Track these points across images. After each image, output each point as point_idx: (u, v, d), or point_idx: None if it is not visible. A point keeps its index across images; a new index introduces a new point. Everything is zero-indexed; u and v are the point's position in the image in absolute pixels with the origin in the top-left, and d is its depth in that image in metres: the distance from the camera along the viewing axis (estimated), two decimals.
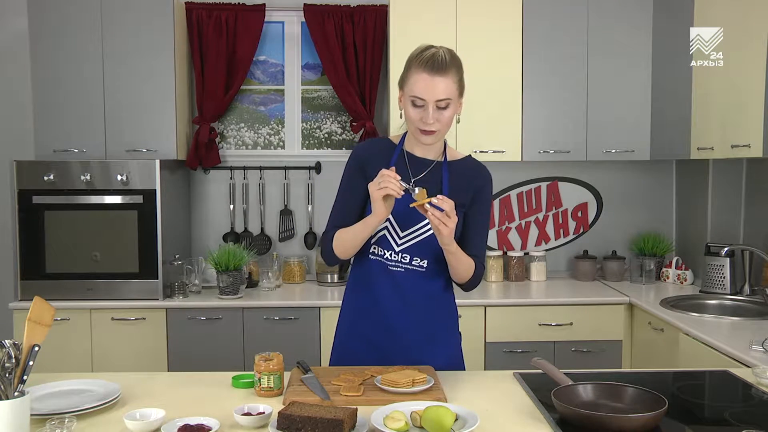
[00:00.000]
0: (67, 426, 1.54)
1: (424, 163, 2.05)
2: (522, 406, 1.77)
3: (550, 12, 3.73)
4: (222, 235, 4.09)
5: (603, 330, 3.50)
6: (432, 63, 1.87)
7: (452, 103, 1.92)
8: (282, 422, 1.54)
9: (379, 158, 2.05)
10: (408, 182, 1.97)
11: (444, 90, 1.89)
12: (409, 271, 2.03)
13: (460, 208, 2.01)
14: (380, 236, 2.03)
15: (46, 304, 1.63)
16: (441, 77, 1.88)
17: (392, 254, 2.02)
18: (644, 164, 4.07)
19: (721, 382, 2.07)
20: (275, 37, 4.12)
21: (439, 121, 1.92)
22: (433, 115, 1.90)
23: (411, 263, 2.02)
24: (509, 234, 4.17)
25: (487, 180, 2.09)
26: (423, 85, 1.88)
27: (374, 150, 2.08)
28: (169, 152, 3.66)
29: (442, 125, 1.93)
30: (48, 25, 3.58)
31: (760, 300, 3.24)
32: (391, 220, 2.00)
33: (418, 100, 1.90)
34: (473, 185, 2.05)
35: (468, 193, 2.04)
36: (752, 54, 2.90)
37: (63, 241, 3.50)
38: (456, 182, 2.03)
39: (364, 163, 2.05)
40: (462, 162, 2.09)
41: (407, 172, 2.03)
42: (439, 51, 1.90)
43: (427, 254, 2.02)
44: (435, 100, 1.89)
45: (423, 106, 1.90)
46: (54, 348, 3.23)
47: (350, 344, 2.11)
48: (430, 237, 1.97)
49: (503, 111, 3.74)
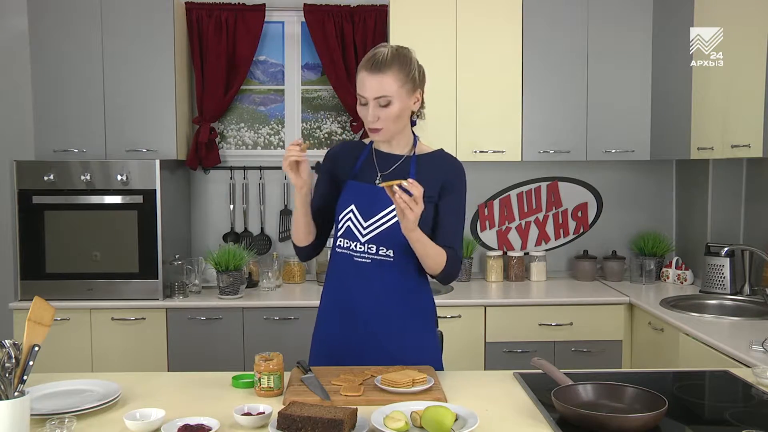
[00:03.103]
0: (67, 426, 1.54)
1: (393, 158, 2.08)
2: (522, 406, 1.77)
3: (550, 12, 3.73)
4: (222, 235, 4.09)
5: (603, 330, 3.50)
6: (372, 62, 1.94)
7: (394, 99, 1.94)
8: (282, 422, 1.54)
9: (348, 157, 2.12)
10: (376, 176, 2.04)
11: (381, 88, 1.93)
12: (376, 262, 2.03)
13: (429, 200, 2.01)
14: (345, 228, 2.05)
15: (46, 304, 1.63)
16: (379, 75, 1.93)
17: (358, 245, 2.04)
18: (644, 164, 4.07)
19: (721, 382, 2.07)
20: (275, 37, 4.12)
21: (381, 118, 1.95)
22: (374, 112, 1.95)
23: (378, 253, 2.03)
24: (509, 234, 4.17)
25: (457, 172, 2.09)
26: (362, 84, 1.95)
27: (344, 152, 2.15)
28: (169, 152, 3.66)
29: (385, 122, 1.96)
30: (48, 25, 3.58)
31: (760, 300, 3.24)
32: (354, 211, 2.03)
33: (361, 98, 1.96)
34: (442, 177, 2.05)
35: (436, 184, 2.04)
36: (752, 54, 2.90)
37: (63, 241, 3.50)
38: (424, 174, 2.03)
39: (334, 166, 2.13)
40: (431, 155, 2.11)
41: (375, 168, 2.07)
42: (382, 50, 1.95)
43: (393, 244, 2.02)
44: (373, 97, 1.94)
45: (366, 104, 1.96)
46: (54, 348, 3.23)
47: (326, 339, 2.12)
48: (395, 225, 1.98)
49: (503, 111, 3.74)
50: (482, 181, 4.13)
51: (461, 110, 3.73)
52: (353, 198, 2.04)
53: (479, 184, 4.13)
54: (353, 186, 2.07)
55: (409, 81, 1.97)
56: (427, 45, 3.70)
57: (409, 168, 2.05)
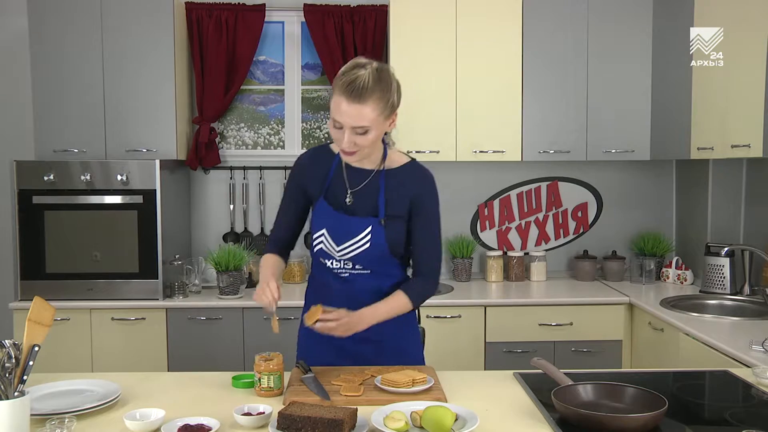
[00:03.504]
0: (67, 426, 1.54)
1: (362, 174, 2.03)
2: (522, 406, 1.77)
3: (550, 12, 3.73)
4: (222, 235, 4.09)
5: (603, 330, 3.50)
6: (351, 89, 1.81)
7: (372, 129, 1.86)
8: (282, 422, 1.55)
9: (317, 174, 2.07)
10: (345, 194, 2.01)
11: (360, 118, 1.83)
12: (354, 275, 2.05)
13: (399, 219, 2.01)
14: (319, 249, 2.06)
15: (46, 304, 1.63)
16: (359, 105, 1.81)
17: (334, 262, 2.05)
18: (644, 164, 4.07)
19: (721, 382, 2.07)
20: (275, 37, 4.12)
21: (357, 144, 1.87)
22: (350, 138, 1.85)
23: (354, 269, 2.04)
24: (509, 234, 4.17)
25: (426, 187, 2.04)
26: (339, 109, 1.83)
27: (313, 165, 2.08)
28: (169, 152, 3.66)
29: (361, 147, 1.89)
30: (48, 25, 3.58)
31: (760, 300, 3.24)
32: (326, 235, 2.02)
33: (335, 122, 1.86)
34: (411, 192, 2.01)
35: (405, 200, 2.01)
36: (752, 54, 2.90)
37: (63, 241, 3.50)
38: (393, 192, 2.01)
39: (303, 181, 2.09)
40: (401, 169, 2.04)
41: (344, 184, 2.03)
42: (362, 75, 1.82)
43: (369, 263, 2.03)
44: (350, 126, 1.84)
45: (341, 128, 1.86)
46: (54, 348, 3.23)
47: (309, 343, 2.13)
48: (369, 249, 2.00)
49: (503, 111, 3.74)
50: (482, 181, 4.13)
51: (461, 110, 3.73)
52: (324, 222, 2.03)
53: (479, 184, 4.13)
54: (324, 210, 2.03)
55: (387, 107, 1.87)
56: (427, 45, 3.71)
57: (379, 183, 2.02)
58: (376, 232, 1.99)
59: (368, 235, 1.98)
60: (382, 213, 1.99)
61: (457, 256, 3.99)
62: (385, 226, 1.99)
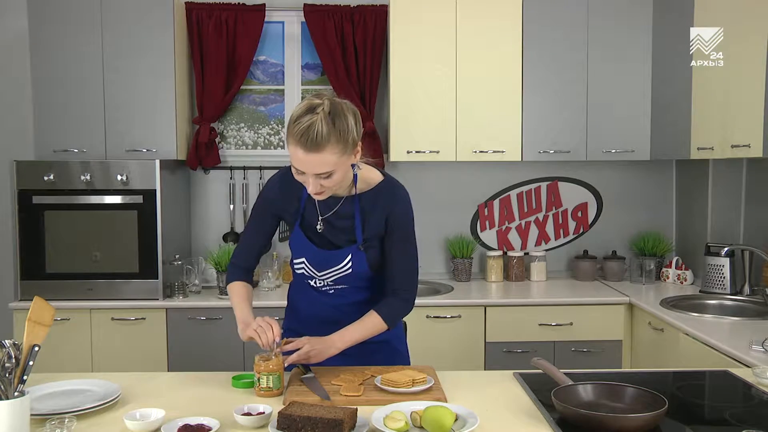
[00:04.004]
0: (67, 426, 1.54)
1: (334, 200, 1.98)
2: (522, 406, 1.77)
3: (550, 12, 3.73)
4: (222, 235, 4.09)
5: (603, 330, 3.50)
6: (305, 139, 1.73)
7: (336, 170, 1.81)
8: (282, 422, 1.55)
9: (290, 200, 2.04)
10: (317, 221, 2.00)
11: (321, 166, 1.77)
12: (337, 291, 2.07)
13: (377, 239, 2.02)
14: (300, 273, 2.08)
15: (46, 304, 1.63)
16: (317, 154, 1.75)
17: (316, 281, 2.07)
18: (644, 164, 4.07)
19: (721, 382, 2.07)
20: (275, 37, 4.12)
21: (323, 185, 1.83)
22: (315, 183, 1.81)
23: (336, 286, 2.06)
24: (509, 234, 4.17)
25: (398, 204, 2.01)
26: (297, 159, 1.78)
27: (284, 191, 2.04)
28: (169, 152, 3.66)
29: (328, 188, 1.85)
30: (48, 25, 3.58)
31: (760, 300, 3.24)
32: (306, 263, 2.03)
33: (296, 169, 1.82)
34: (386, 212, 1.99)
35: (381, 222, 2.00)
36: (752, 54, 2.90)
37: (63, 241, 3.50)
38: (368, 214, 1.99)
39: (275, 206, 2.07)
40: (373, 191, 2.00)
41: (316, 212, 2.01)
42: (315, 122, 1.74)
43: (350, 281, 2.05)
44: (313, 173, 1.79)
45: (305, 174, 1.81)
46: (54, 348, 3.23)
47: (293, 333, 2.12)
48: (350, 273, 2.01)
49: (503, 111, 3.74)
50: (482, 181, 4.13)
51: (461, 110, 3.73)
52: (303, 252, 2.03)
53: (479, 184, 4.13)
54: (301, 241, 2.02)
55: (348, 146, 1.80)
56: (427, 45, 3.71)
57: (353, 209, 1.98)
58: (356, 258, 2.00)
59: (349, 262, 2.00)
60: (359, 239, 1.99)
61: (457, 256, 3.99)
62: (365, 251, 2.00)
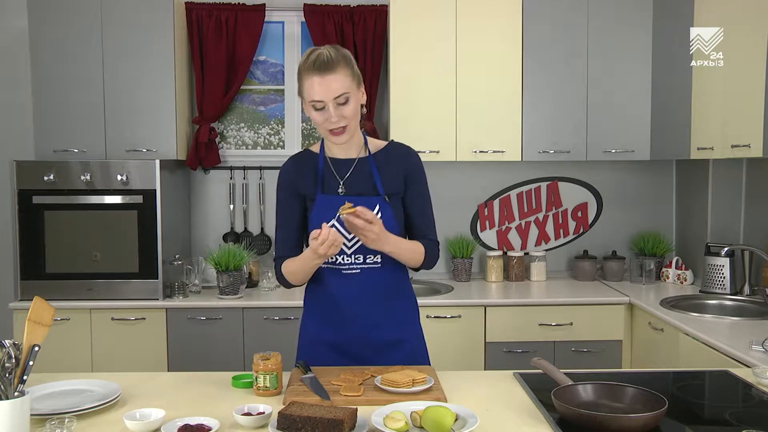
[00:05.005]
0: (67, 426, 1.54)
1: (349, 163, 2.07)
2: (522, 406, 1.77)
3: (550, 12, 3.73)
4: (222, 235, 4.09)
5: (603, 330, 3.50)
6: (319, 64, 1.89)
7: (351, 96, 1.94)
8: (282, 422, 1.54)
9: (306, 174, 2.09)
10: (338, 185, 2.04)
11: (338, 87, 1.90)
12: (365, 271, 2.05)
13: (397, 196, 2.06)
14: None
15: (46, 304, 1.63)
16: (332, 75, 1.90)
17: (345, 257, 2.04)
18: (644, 164, 4.07)
19: (721, 382, 2.07)
20: (275, 37, 4.12)
21: (343, 116, 1.93)
22: (335, 112, 1.92)
23: (365, 262, 2.04)
24: (509, 234, 4.17)
25: (413, 159, 2.12)
26: (317, 88, 1.90)
27: (299, 168, 2.11)
28: (169, 152, 3.66)
29: (347, 119, 1.95)
30: (48, 25, 3.58)
31: (760, 300, 3.24)
32: (337, 225, 2.02)
33: (317, 103, 1.92)
34: (403, 169, 2.08)
35: (400, 177, 2.07)
36: (752, 54, 2.90)
37: (63, 241, 3.50)
38: (386, 172, 2.06)
39: (295, 185, 2.11)
40: (386, 150, 2.11)
41: (334, 177, 2.06)
42: (323, 51, 1.92)
43: None
44: (332, 98, 1.91)
45: (323, 108, 1.92)
46: (54, 348, 3.23)
47: (316, 350, 2.10)
48: None
49: (503, 111, 3.74)
50: (482, 181, 4.13)
51: (461, 110, 3.73)
52: (332, 213, 2.01)
53: (479, 184, 4.13)
54: (328, 201, 2.03)
55: (355, 75, 1.97)
56: (427, 45, 3.71)
57: (370, 168, 2.05)
58: (384, 209, 2.02)
59: (378, 213, 1.99)
60: (382, 192, 2.03)
61: (457, 256, 3.99)
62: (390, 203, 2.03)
